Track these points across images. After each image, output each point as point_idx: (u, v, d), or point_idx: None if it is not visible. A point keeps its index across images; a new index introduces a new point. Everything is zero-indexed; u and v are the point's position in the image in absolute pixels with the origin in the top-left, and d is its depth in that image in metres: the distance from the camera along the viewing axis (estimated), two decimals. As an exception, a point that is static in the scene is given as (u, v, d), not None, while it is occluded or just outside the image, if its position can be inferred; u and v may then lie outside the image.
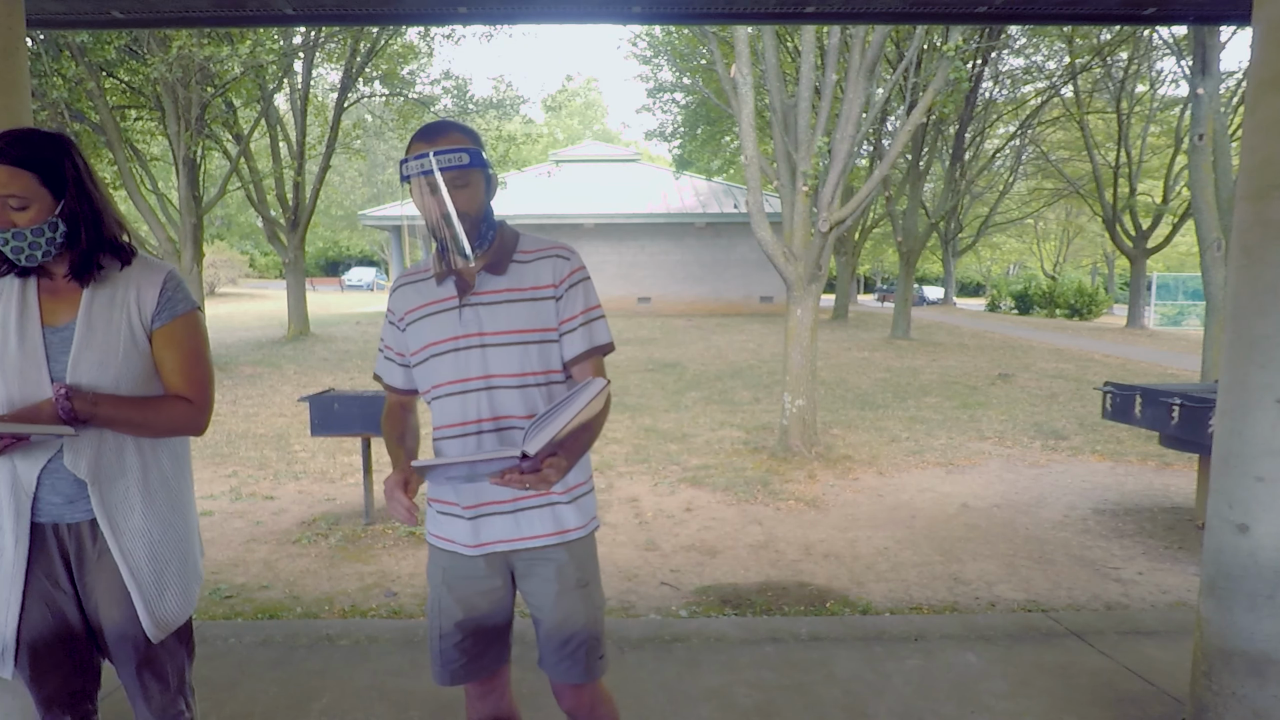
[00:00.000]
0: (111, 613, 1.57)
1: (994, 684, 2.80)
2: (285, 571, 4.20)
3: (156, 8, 3.03)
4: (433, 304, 1.62)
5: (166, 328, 1.59)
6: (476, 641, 1.66)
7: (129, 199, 11.33)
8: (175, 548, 1.63)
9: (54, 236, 1.49)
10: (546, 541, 1.61)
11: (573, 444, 1.46)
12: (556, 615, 1.63)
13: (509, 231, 1.66)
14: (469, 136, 1.54)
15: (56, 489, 1.54)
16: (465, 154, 1.49)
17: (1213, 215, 8.97)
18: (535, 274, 1.60)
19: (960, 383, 11.00)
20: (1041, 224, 35.15)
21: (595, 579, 1.69)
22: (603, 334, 1.64)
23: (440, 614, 1.66)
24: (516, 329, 1.57)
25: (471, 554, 1.62)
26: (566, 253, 1.65)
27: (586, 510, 1.67)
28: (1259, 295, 2.15)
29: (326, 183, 19.66)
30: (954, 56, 7.35)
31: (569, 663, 1.64)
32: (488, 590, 1.65)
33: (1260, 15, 2.19)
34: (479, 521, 1.61)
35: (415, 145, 1.51)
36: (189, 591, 1.66)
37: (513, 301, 1.58)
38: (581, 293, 1.63)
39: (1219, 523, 2.26)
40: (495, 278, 1.59)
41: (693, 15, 3.21)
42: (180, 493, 1.68)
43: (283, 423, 8.26)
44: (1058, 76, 17.93)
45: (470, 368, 1.57)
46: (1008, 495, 5.73)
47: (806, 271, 6.88)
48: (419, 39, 15.39)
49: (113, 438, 1.56)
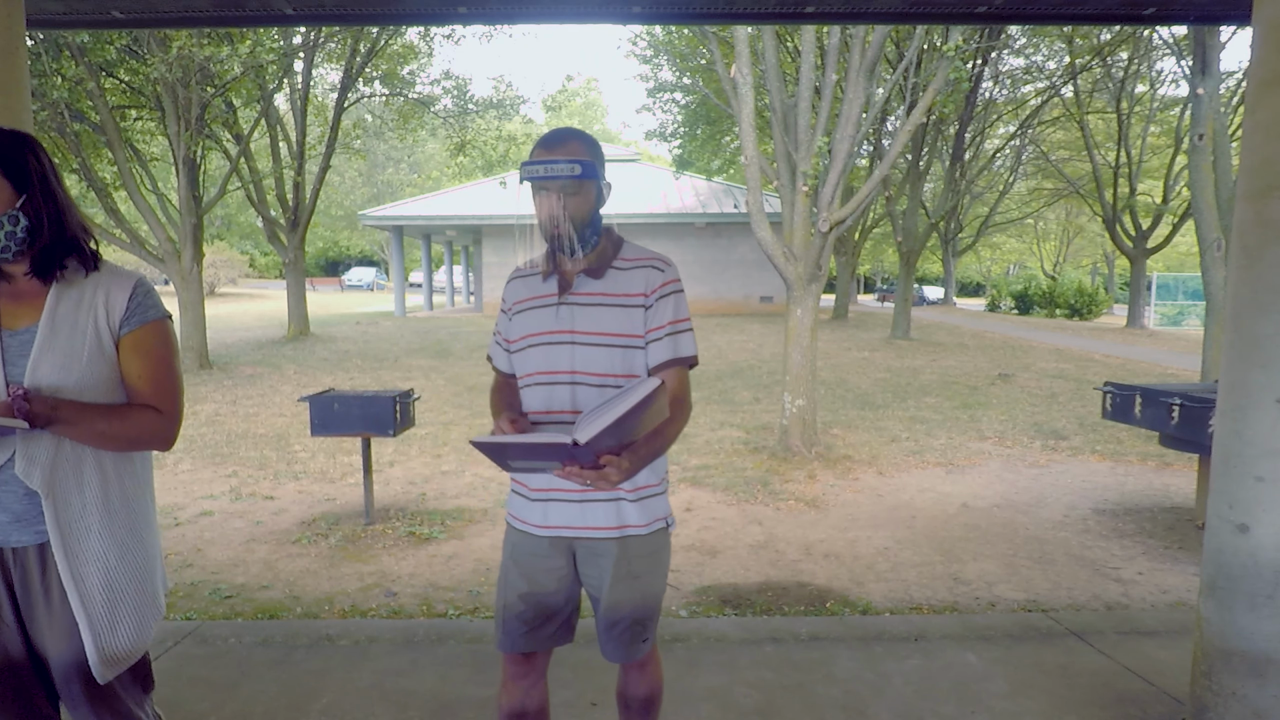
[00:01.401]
0: (58, 646, 1.45)
1: (994, 684, 2.80)
2: (285, 571, 4.20)
3: (156, 8, 3.03)
4: (536, 298, 1.75)
5: (135, 334, 1.52)
6: (537, 614, 1.78)
7: (129, 199, 11.33)
8: (132, 577, 1.52)
9: (14, 230, 1.43)
10: (606, 535, 1.72)
11: (641, 449, 1.55)
12: (608, 600, 1.75)
13: (614, 238, 1.78)
14: (588, 148, 1.66)
15: (4, 505, 1.43)
16: (578, 165, 1.60)
17: (1213, 215, 8.97)
18: (630, 281, 1.72)
19: (960, 383, 11.00)
20: (1041, 224, 35.16)
21: (650, 573, 1.77)
22: (688, 346, 1.73)
23: (507, 586, 1.80)
24: (604, 331, 1.69)
25: (539, 534, 1.76)
26: (662, 265, 1.75)
27: (651, 511, 1.76)
28: (1259, 295, 2.15)
29: (326, 183, 19.71)
30: (954, 56, 7.35)
31: (614, 644, 1.79)
32: (551, 569, 1.77)
33: (1260, 15, 2.19)
34: (548, 505, 1.74)
35: (537, 151, 1.64)
36: (144, 626, 1.53)
37: (604, 305, 1.70)
38: (671, 304, 1.72)
39: (1219, 523, 2.26)
40: (593, 281, 1.71)
41: (693, 15, 3.21)
42: (142, 515, 1.57)
43: (283, 423, 8.26)
44: (1058, 76, 17.93)
45: (559, 361, 1.69)
46: (1008, 495, 5.73)
47: (806, 271, 6.88)
48: (419, 39, 15.40)
49: (71, 447, 1.46)
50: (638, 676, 1.89)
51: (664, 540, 1.80)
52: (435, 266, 38.43)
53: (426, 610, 3.67)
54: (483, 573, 4.17)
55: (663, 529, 1.79)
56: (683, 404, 1.69)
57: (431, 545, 4.62)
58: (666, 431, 1.62)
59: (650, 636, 1.82)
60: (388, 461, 6.64)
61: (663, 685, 1.96)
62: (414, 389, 5.38)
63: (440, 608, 3.70)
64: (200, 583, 4.01)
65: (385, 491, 5.73)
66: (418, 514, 5.19)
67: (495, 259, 22.09)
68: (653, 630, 1.83)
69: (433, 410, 8.83)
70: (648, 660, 1.88)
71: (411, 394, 5.02)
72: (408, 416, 4.96)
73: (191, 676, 2.84)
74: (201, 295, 11.88)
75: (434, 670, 2.87)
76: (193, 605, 3.70)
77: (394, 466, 6.51)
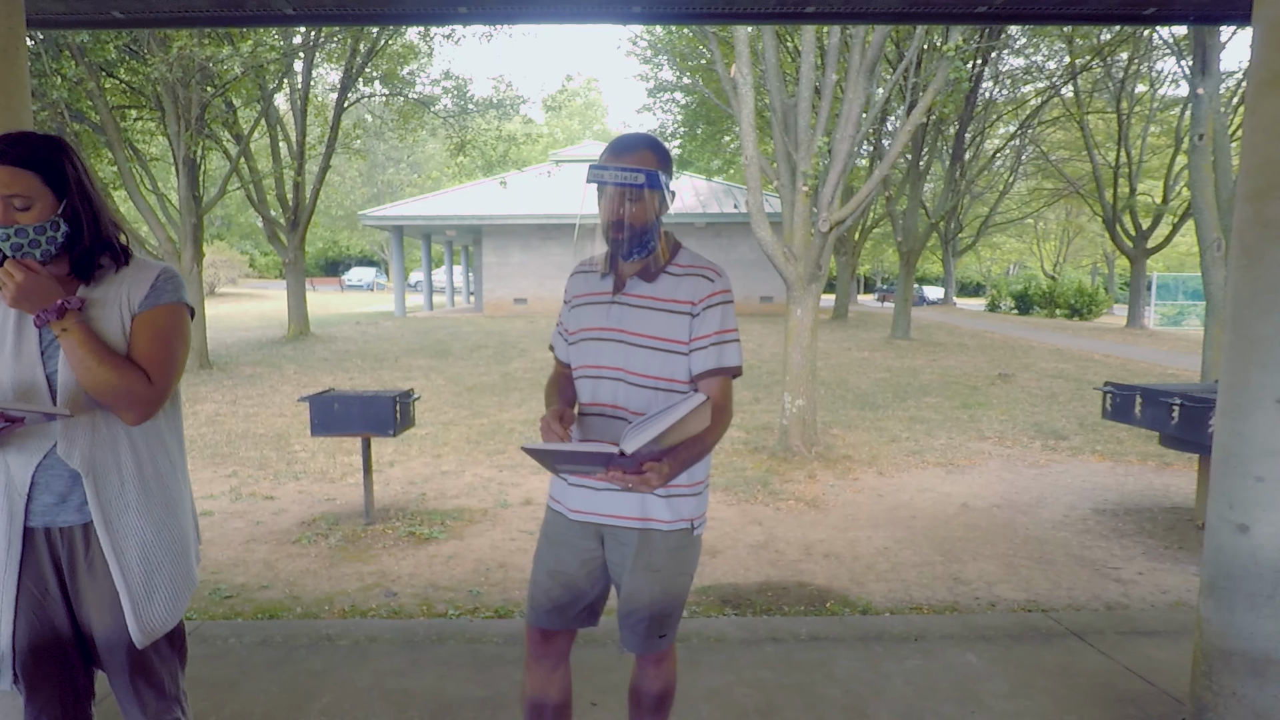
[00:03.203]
0: (103, 619, 1.54)
1: (994, 684, 2.80)
2: (285, 571, 4.20)
3: (156, 8, 3.03)
4: (593, 294, 1.83)
5: (148, 313, 1.56)
6: (564, 593, 1.85)
7: (129, 199, 11.32)
8: (168, 550, 1.60)
9: (55, 236, 1.49)
10: (629, 524, 1.77)
11: (681, 454, 1.61)
12: (626, 588, 1.81)
13: (671, 244, 1.82)
14: (657, 157, 1.70)
15: (50, 487, 1.51)
16: (642, 174, 1.64)
17: (1213, 215, 8.97)
18: (680, 288, 1.76)
19: (960, 383, 11.00)
20: (1041, 224, 35.16)
21: (671, 570, 1.80)
22: (732, 357, 1.76)
23: (539, 563, 1.89)
24: (650, 334, 1.74)
25: (572, 518, 1.84)
26: (713, 274, 1.78)
27: (678, 510, 1.78)
28: (1259, 295, 2.15)
29: (326, 183, 19.68)
30: (954, 56, 7.35)
31: (630, 634, 1.84)
32: (580, 550, 1.84)
33: (1260, 15, 2.19)
34: (582, 491, 1.81)
35: (606, 155, 1.69)
36: (179, 598, 1.62)
37: (653, 309, 1.75)
38: (719, 314, 1.75)
39: (1219, 523, 2.26)
40: (645, 284, 1.77)
41: (693, 15, 3.21)
42: (177, 494, 1.65)
43: (283, 423, 8.26)
44: (1058, 76, 17.94)
45: (606, 357, 1.77)
46: (1008, 495, 5.73)
47: (806, 271, 6.88)
48: (419, 39, 15.39)
49: (106, 430, 1.53)
50: (654, 672, 1.91)
51: (688, 540, 1.81)
52: (435, 266, 38.43)
53: (426, 610, 3.67)
54: (483, 573, 4.17)
55: (686, 530, 1.80)
56: (724, 412, 1.74)
57: (431, 545, 4.62)
58: (706, 439, 1.67)
59: (669, 634, 1.85)
60: (388, 461, 6.64)
61: (675, 685, 1.97)
62: (414, 389, 5.38)
63: (440, 608, 3.70)
64: (200, 583, 4.01)
65: (385, 491, 5.73)
66: (418, 514, 5.19)
67: (495, 259, 22.08)
68: (672, 629, 1.86)
69: (433, 410, 8.83)
70: (664, 657, 1.91)
71: (411, 394, 5.02)
72: (408, 416, 4.96)
73: (191, 676, 2.82)
74: (201, 295, 11.88)
75: (434, 670, 2.86)
76: (193, 605, 3.70)
77: (394, 466, 6.51)
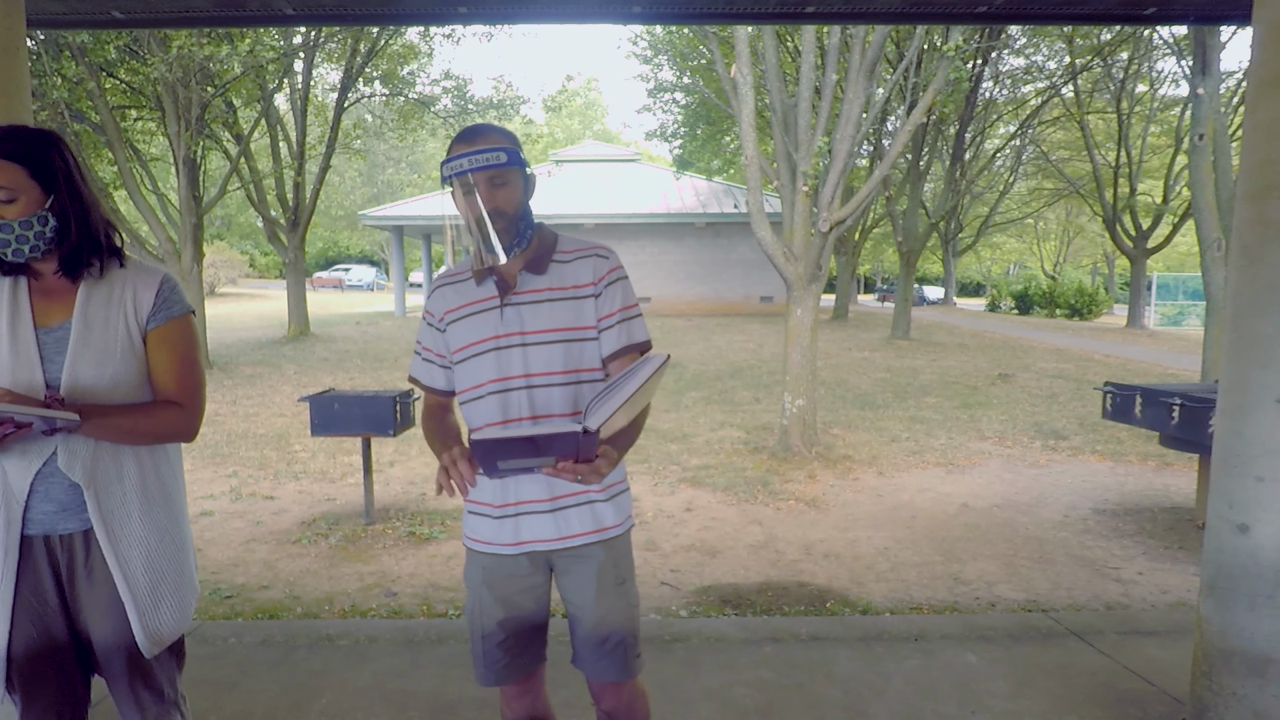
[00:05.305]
0: (102, 624, 1.52)
1: (994, 684, 2.80)
2: (285, 571, 4.20)
3: (156, 8, 3.03)
4: (473, 304, 1.64)
5: (161, 329, 1.56)
6: (519, 640, 1.69)
7: (129, 199, 11.32)
8: (172, 558, 1.58)
9: (43, 231, 1.46)
10: (586, 540, 1.64)
11: (620, 437, 1.49)
12: (596, 614, 1.66)
13: (548, 232, 1.69)
14: (506, 138, 1.58)
15: (50, 496, 1.49)
16: (503, 153, 1.52)
17: (1213, 215, 8.97)
18: (575, 273, 1.64)
19: (960, 383, 11.00)
20: (1041, 224, 35.14)
21: (631, 577, 1.72)
22: (640, 331, 1.68)
23: (482, 614, 1.68)
24: (557, 327, 1.61)
25: (513, 553, 1.65)
26: (605, 252, 1.69)
27: (623, 509, 1.70)
28: (1259, 295, 2.15)
29: (326, 183, 19.69)
30: (954, 56, 7.35)
31: (607, 661, 1.67)
32: (530, 587, 1.68)
33: (1260, 15, 2.19)
34: (519, 520, 1.63)
35: (455, 147, 1.55)
36: (185, 605, 1.61)
37: (554, 300, 1.62)
38: (620, 291, 1.67)
39: (1219, 523, 2.26)
40: (536, 277, 1.63)
41: (693, 15, 3.21)
42: (177, 502, 1.63)
43: (283, 423, 8.26)
44: (1058, 76, 17.93)
45: (511, 366, 1.60)
46: (1008, 495, 5.73)
47: (806, 271, 6.88)
48: (419, 39, 15.39)
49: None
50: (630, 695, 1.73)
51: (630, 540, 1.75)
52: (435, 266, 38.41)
53: (426, 610, 3.67)
54: (483, 573, 4.17)
55: (631, 526, 1.74)
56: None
57: (431, 545, 4.62)
58: (640, 420, 1.58)
59: (641, 650, 1.73)
60: (388, 461, 6.64)
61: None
62: (414, 389, 5.37)
63: (440, 608, 3.70)
64: (200, 583, 4.00)
65: (385, 491, 5.73)
66: (418, 514, 5.19)
67: (495, 259, 22.04)
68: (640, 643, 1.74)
69: (433, 410, 8.82)
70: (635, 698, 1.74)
71: (411, 394, 5.02)
72: (408, 416, 4.96)
73: (191, 676, 2.83)
74: (202, 295, 11.88)
75: (434, 670, 2.87)
76: (193, 605, 3.70)
77: (394, 466, 6.51)
